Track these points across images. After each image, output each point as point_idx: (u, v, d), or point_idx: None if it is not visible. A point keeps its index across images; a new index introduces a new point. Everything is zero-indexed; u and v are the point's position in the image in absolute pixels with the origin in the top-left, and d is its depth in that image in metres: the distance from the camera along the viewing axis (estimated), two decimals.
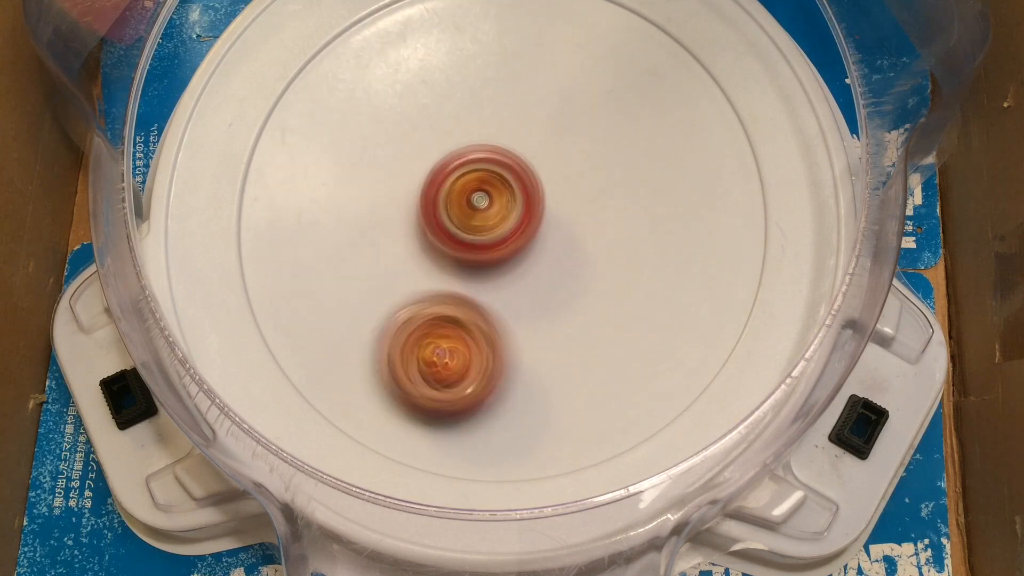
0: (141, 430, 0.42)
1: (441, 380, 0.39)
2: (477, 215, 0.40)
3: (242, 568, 0.43)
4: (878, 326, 0.40)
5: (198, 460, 0.40)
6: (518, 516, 0.36)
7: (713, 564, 0.42)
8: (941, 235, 0.46)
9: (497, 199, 0.40)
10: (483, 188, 0.40)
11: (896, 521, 0.43)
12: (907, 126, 0.46)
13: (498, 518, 0.36)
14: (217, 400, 0.38)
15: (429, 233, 0.41)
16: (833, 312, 0.38)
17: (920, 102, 0.47)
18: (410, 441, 0.40)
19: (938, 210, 0.47)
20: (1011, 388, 0.41)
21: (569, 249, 0.43)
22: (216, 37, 0.46)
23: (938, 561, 0.43)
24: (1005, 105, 0.43)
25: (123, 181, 0.40)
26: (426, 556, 0.38)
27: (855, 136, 0.43)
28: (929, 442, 0.44)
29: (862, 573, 0.43)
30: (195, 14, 0.49)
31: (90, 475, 0.44)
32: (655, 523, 0.38)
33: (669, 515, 0.38)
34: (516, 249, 0.41)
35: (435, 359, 0.39)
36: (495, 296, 0.42)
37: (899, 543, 0.43)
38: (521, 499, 0.39)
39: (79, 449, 0.45)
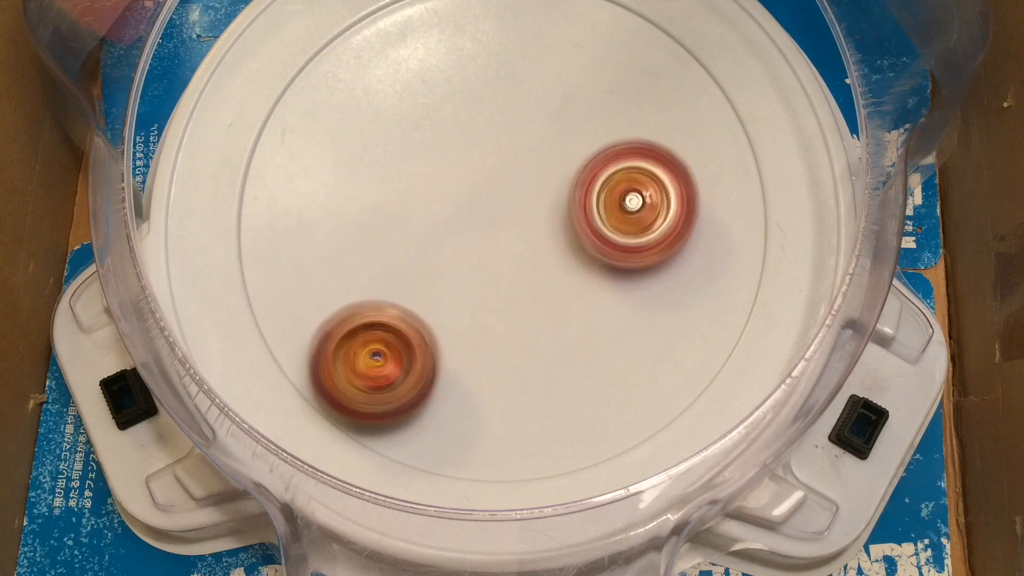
0: (141, 430, 0.42)
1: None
2: (630, 217, 0.39)
3: (242, 568, 0.43)
4: (878, 326, 0.40)
5: (198, 460, 0.40)
6: (518, 516, 0.36)
7: (713, 564, 0.42)
8: (941, 235, 0.46)
9: (650, 199, 0.39)
10: (635, 188, 0.39)
11: (896, 521, 0.43)
12: (907, 126, 0.46)
13: (498, 518, 0.36)
14: (217, 400, 0.38)
15: (582, 236, 0.40)
16: (833, 312, 0.38)
17: (920, 102, 0.47)
18: (410, 441, 0.40)
19: (938, 210, 0.47)
20: (1011, 388, 0.41)
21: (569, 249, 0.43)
22: (216, 37, 0.45)
23: (938, 561, 0.43)
24: (1005, 105, 0.43)
25: (123, 181, 0.40)
26: (426, 556, 0.38)
27: (855, 136, 0.43)
28: (929, 442, 0.44)
29: (862, 573, 0.43)
30: (195, 14, 0.49)
31: (90, 475, 0.44)
32: (655, 523, 0.38)
33: (669, 515, 0.38)
34: (673, 252, 0.40)
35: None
36: (492, 294, 0.42)
37: (899, 543, 0.43)
38: (521, 499, 0.39)
39: (79, 449, 0.45)
